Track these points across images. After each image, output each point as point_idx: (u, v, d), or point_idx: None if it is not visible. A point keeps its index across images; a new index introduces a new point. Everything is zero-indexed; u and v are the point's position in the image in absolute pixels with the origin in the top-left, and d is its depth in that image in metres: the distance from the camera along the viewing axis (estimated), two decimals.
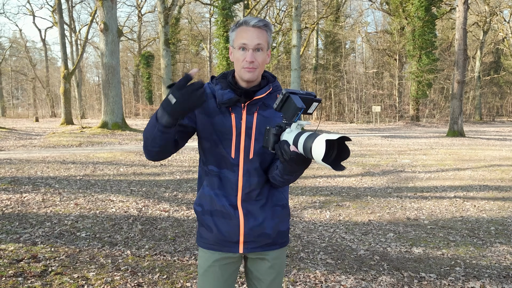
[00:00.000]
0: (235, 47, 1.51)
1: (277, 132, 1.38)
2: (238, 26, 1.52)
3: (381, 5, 34.81)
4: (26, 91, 52.46)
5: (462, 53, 17.74)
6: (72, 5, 33.70)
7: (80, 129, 17.72)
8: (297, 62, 20.26)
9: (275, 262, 1.65)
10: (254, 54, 1.48)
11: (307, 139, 1.24)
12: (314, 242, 4.18)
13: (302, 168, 1.40)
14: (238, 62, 1.50)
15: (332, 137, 1.16)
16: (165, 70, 23.05)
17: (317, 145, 1.19)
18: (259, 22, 1.49)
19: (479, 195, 6.47)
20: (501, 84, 41.25)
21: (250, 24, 1.48)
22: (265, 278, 1.65)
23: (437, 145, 14.64)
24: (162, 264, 3.44)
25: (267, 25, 1.51)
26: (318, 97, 1.38)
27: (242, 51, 1.49)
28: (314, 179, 7.87)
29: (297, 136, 1.30)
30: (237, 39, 1.50)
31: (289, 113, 1.35)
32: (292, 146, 1.32)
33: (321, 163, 1.19)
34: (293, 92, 1.35)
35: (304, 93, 1.36)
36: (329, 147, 1.21)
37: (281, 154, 1.34)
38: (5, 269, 3.14)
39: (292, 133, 1.34)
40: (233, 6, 25.58)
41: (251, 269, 1.67)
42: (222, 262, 1.60)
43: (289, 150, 1.31)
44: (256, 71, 1.50)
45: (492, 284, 3.17)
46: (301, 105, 1.30)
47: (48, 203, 5.40)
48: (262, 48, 1.50)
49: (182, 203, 5.65)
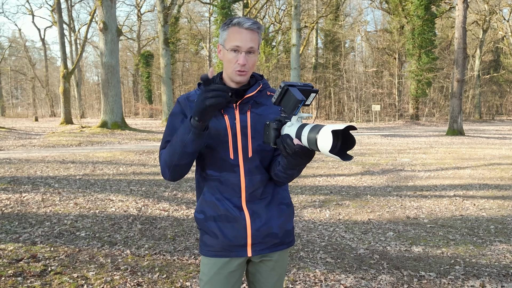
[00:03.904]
0: (227, 48, 1.49)
1: (278, 126, 1.36)
2: (230, 26, 1.48)
3: (380, 4, 34.79)
4: (26, 91, 52.42)
5: (462, 51, 17.74)
6: (72, 4, 33.70)
7: (79, 128, 17.71)
8: (297, 61, 20.24)
9: (278, 264, 1.63)
10: (246, 57, 1.46)
11: (310, 131, 1.22)
12: (314, 241, 4.18)
13: (306, 161, 1.38)
14: (229, 63, 1.49)
15: (337, 127, 1.13)
16: (165, 69, 23.04)
17: (323, 136, 1.16)
18: (253, 24, 1.46)
19: (479, 194, 6.47)
20: (501, 83, 41.23)
21: (244, 26, 1.46)
22: (268, 281, 1.63)
23: (437, 144, 14.64)
24: (161, 264, 3.44)
25: (260, 27, 1.50)
26: (316, 88, 1.36)
27: (234, 53, 1.47)
28: (314, 178, 7.87)
29: (299, 129, 1.27)
30: (229, 40, 1.48)
31: (289, 106, 1.32)
32: (295, 139, 1.29)
33: (328, 155, 1.16)
34: (292, 84, 1.33)
35: (302, 84, 1.35)
36: (335, 138, 1.19)
37: (284, 148, 1.32)
38: (4, 268, 3.14)
39: (293, 126, 1.31)
40: (232, 5, 25.54)
41: (253, 272, 1.65)
42: (228, 268, 1.56)
43: (292, 144, 1.29)
44: (247, 74, 1.50)
45: (491, 282, 3.16)
46: (301, 97, 1.28)
47: (47, 202, 5.40)
48: (254, 51, 1.49)
49: (181, 203, 5.65)
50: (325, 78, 35.14)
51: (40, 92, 47.46)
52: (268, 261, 1.61)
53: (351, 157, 1.20)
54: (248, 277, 1.69)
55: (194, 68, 41.61)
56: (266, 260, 1.61)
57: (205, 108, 1.29)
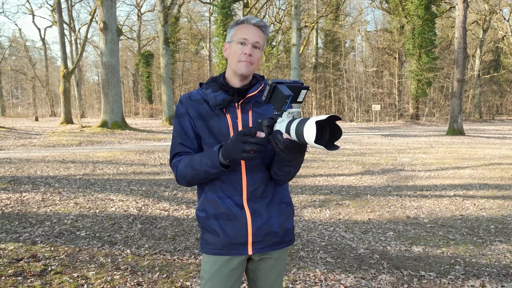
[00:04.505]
0: (234, 40, 1.53)
1: (270, 123, 1.39)
2: (239, 23, 1.55)
3: (380, 4, 34.77)
4: (26, 91, 52.43)
5: (462, 51, 17.73)
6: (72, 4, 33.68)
7: (79, 128, 17.72)
8: (297, 61, 20.24)
9: (277, 262, 1.65)
10: (252, 49, 1.51)
11: (298, 124, 1.25)
12: (314, 241, 4.18)
13: (298, 155, 1.40)
14: (235, 55, 1.52)
15: (321, 118, 1.17)
16: (165, 69, 23.04)
17: (308, 127, 1.19)
18: (260, 22, 1.54)
19: (479, 194, 6.47)
20: (501, 83, 41.21)
21: (251, 23, 1.53)
22: (267, 278, 1.66)
23: (437, 143, 14.63)
24: (162, 263, 3.44)
25: (266, 27, 1.56)
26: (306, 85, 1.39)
27: (241, 45, 1.52)
28: (314, 178, 7.87)
29: (288, 124, 1.31)
30: (236, 34, 1.54)
31: (278, 102, 1.35)
32: (285, 134, 1.32)
33: (314, 145, 1.20)
34: (280, 82, 1.36)
35: (291, 81, 1.37)
36: (321, 129, 1.22)
37: (276, 144, 1.34)
38: (4, 268, 3.14)
39: (283, 122, 1.34)
40: (232, 5, 25.52)
41: (253, 269, 1.67)
42: (229, 266, 1.58)
43: (282, 138, 1.32)
44: (252, 66, 1.53)
45: (491, 282, 3.16)
46: (288, 92, 1.31)
47: (47, 202, 5.40)
48: (260, 47, 1.54)
49: (182, 202, 5.65)
50: (325, 78, 35.14)
51: (40, 92, 47.46)
52: (268, 259, 1.63)
53: (337, 146, 1.23)
54: (248, 275, 1.71)
55: (194, 67, 41.63)
56: (266, 258, 1.63)
57: (241, 158, 1.35)
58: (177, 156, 1.61)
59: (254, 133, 1.34)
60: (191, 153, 1.59)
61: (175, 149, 1.61)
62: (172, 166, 1.61)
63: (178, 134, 1.60)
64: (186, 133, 1.59)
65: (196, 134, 1.59)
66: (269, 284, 1.66)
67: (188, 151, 1.59)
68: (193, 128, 1.58)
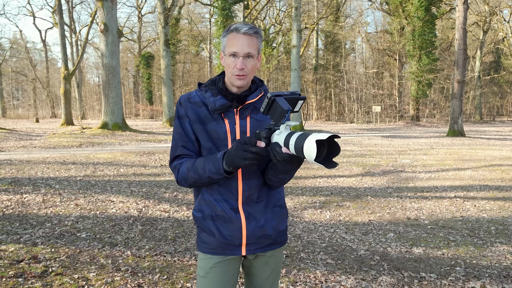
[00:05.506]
0: (226, 54, 1.54)
1: (267, 135, 1.41)
2: (229, 32, 1.53)
3: (381, 5, 34.81)
4: (27, 92, 52.49)
5: (462, 53, 17.74)
6: (72, 6, 33.77)
7: (80, 129, 17.73)
8: (297, 62, 20.26)
9: (271, 259, 1.70)
10: (244, 61, 1.50)
11: (297, 140, 1.28)
12: (314, 242, 4.18)
13: (295, 167, 1.46)
14: (228, 68, 1.54)
15: (321, 137, 1.20)
16: (165, 70, 23.06)
17: (308, 146, 1.23)
18: (250, 29, 1.50)
19: (480, 195, 6.47)
20: (501, 84, 41.23)
21: (241, 31, 1.50)
22: (261, 274, 1.70)
23: (437, 145, 14.63)
24: (162, 265, 3.44)
25: (258, 32, 1.53)
26: (302, 95, 1.42)
27: (233, 58, 1.51)
28: (314, 179, 7.87)
29: (287, 138, 1.33)
30: (228, 46, 1.53)
31: (276, 116, 1.38)
32: (284, 148, 1.34)
33: (313, 163, 1.24)
34: (278, 94, 1.38)
35: (289, 93, 1.39)
36: (319, 146, 1.25)
37: (274, 156, 1.37)
38: (5, 269, 3.15)
39: (282, 134, 1.36)
40: (233, 7, 25.56)
41: (248, 266, 1.72)
42: (224, 264, 1.62)
43: (281, 152, 1.34)
44: (247, 78, 1.54)
45: (492, 284, 3.16)
46: (287, 107, 1.34)
47: (48, 203, 5.40)
48: (253, 55, 1.52)
49: (182, 204, 5.65)
50: (325, 79, 35.16)
51: (41, 93, 47.51)
52: (261, 256, 1.68)
53: (336, 164, 1.26)
54: (244, 271, 1.76)
55: (194, 69, 41.65)
56: (260, 255, 1.68)
57: (244, 165, 1.39)
58: (178, 159, 1.62)
59: (254, 142, 1.36)
60: (192, 156, 1.61)
61: (176, 151, 1.62)
62: (173, 169, 1.62)
63: (179, 136, 1.61)
64: (187, 135, 1.60)
65: (196, 137, 1.60)
66: (264, 279, 1.71)
67: (190, 153, 1.61)
68: (193, 131, 1.60)
